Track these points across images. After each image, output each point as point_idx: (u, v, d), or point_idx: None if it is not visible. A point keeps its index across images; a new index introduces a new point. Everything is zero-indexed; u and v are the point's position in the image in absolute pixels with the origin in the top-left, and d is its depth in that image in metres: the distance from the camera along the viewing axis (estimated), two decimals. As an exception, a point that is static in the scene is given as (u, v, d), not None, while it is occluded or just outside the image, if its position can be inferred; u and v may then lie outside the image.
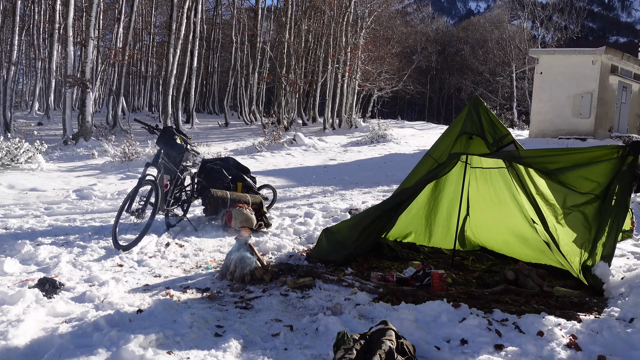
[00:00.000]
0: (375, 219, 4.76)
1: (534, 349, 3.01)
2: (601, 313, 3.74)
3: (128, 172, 11.63)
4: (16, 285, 3.87)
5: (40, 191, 9.05)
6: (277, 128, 19.21)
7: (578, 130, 18.81)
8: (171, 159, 5.93)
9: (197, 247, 5.49)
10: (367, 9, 28.10)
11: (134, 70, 32.79)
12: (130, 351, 2.79)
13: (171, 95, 20.40)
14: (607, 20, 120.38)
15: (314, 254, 5.05)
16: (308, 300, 3.91)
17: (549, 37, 40.52)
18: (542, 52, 21.10)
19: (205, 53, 33.32)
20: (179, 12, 20.38)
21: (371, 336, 2.86)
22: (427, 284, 4.31)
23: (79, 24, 26.54)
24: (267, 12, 30.12)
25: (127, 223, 5.37)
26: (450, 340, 3.19)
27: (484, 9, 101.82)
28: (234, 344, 3.03)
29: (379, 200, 8.38)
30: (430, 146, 4.66)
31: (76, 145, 15.96)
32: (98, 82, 24.60)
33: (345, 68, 25.74)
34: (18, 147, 11.48)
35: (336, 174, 12.27)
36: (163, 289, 4.05)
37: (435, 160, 4.52)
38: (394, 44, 35.14)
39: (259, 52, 27.19)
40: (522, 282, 4.29)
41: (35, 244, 5.11)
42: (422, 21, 51.44)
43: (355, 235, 4.85)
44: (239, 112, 29.88)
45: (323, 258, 4.94)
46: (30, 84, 34.65)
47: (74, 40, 18.55)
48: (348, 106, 26.95)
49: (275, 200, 7.88)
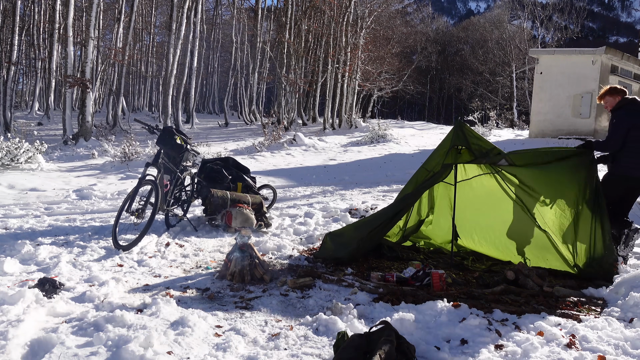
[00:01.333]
0: (380, 224, 4.96)
1: (534, 349, 3.01)
2: (601, 313, 3.74)
3: (128, 172, 11.63)
4: (16, 285, 3.87)
5: (40, 191, 9.05)
6: (277, 128, 19.21)
7: (578, 130, 18.81)
8: (171, 159, 5.93)
9: (197, 247, 5.49)
10: (367, 9, 28.10)
11: (134, 70, 32.79)
12: (130, 351, 2.79)
13: (171, 95, 20.41)
14: (607, 20, 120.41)
15: (319, 254, 5.12)
16: (308, 300, 3.91)
17: (549, 37, 40.54)
18: (542, 52, 21.11)
19: (205, 53, 33.33)
20: (179, 12, 20.38)
21: (371, 336, 2.86)
22: (427, 284, 4.31)
23: (79, 24, 26.54)
24: (267, 12, 30.12)
25: (127, 223, 5.36)
26: (450, 340, 3.19)
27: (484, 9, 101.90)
28: (234, 344, 3.03)
29: (379, 200, 8.39)
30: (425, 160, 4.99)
31: (76, 145, 15.96)
32: (98, 82, 24.61)
33: (345, 68, 25.74)
34: (18, 147, 11.48)
35: (336, 174, 12.27)
36: (163, 289, 4.05)
37: (429, 171, 4.82)
38: (394, 44, 35.15)
39: (259, 52, 27.20)
40: (522, 282, 4.29)
41: (35, 244, 5.11)
42: (422, 21, 51.42)
43: (360, 236, 5.00)
44: (239, 112, 29.91)
45: (329, 256, 5.01)
46: (30, 84, 34.64)
47: (74, 40, 18.55)
48: (348, 106, 26.96)
49: (275, 200, 7.88)
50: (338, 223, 6.61)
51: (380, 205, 7.61)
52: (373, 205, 7.34)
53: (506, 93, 39.68)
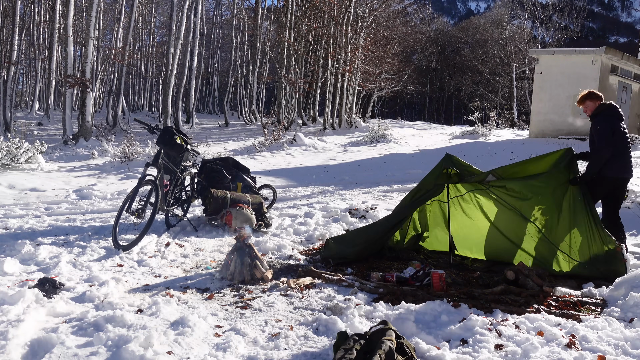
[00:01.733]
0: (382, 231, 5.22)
1: (534, 349, 3.01)
2: (601, 313, 3.74)
3: (128, 172, 11.63)
4: (16, 285, 3.87)
5: (40, 191, 9.05)
6: (277, 128, 19.20)
7: (578, 130, 18.80)
8: (171, 159, 5.93)
9: (197, 247, 5.49)
10: (367, 9, 28.08)
11: (134, 70, 32.80)
12: (130, 351, 2.79)
13: (171, 95, 20.40)
14: (607, 20, 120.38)
15: (324, 254, 5.20)
16: (308, 300, 3.91)
17: (549, 37, 40.52)
18: (542, 52, 21.10)
19: (205, 53, 33.36)
20: (179, 12, 20.38)
21: (371, 336, 2.86)
22: (427, 284, 4.31)
23: (79, 24, 26.54)
24: (267, 12, 30.10)
25: (127, 223, 5.37)
26: (450, 340, 3.19)
27: (484, 9, 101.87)
28: (234, 344, 3.03)
29: (379, 200, 8.40)
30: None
31: (76, 145, 15.95)
32: (98, 82, 24.60)
33: (345, 68, 25.73)
34: (18, 147, 11.47)
35: (336, 174, 12.27)
36: (163, 289, 4.05)
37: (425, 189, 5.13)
38: (394, 44, 35.13)
39: (259, 52, 27.19)
40: (522, 282, 4.29)
41: (35, 244, 5.11)
42: (422, 21, 51.39)
43: (364, 238, 5.22)
44: (239, 112, 29.89)
45: (335, 255, 5.11)
46: (30, 84, 34.63)
47: (74, 40, 18.54)
48: (348, 106, 26.96)
49: (275, 200, 7.88)
50: (338, 223, 6.61)
51: (380, 205, 7.62)
52: (373, 205, 7.34)
53: (506, 93, 39.66)
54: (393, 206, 7.83)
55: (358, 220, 6.70)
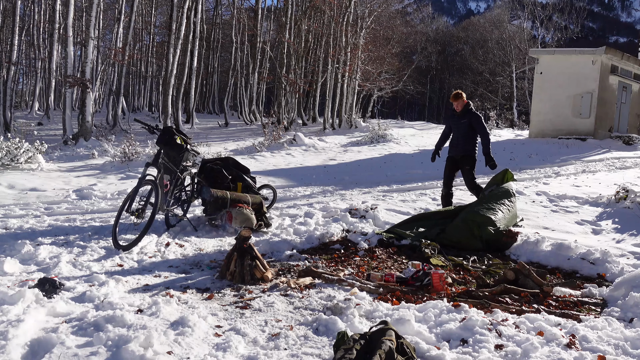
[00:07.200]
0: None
1: (534, 349, 3.01)
2: (601, 313, 3.74)
3: (128, 172, 11.62)
4: (16, 285, 3.87)
5: (40, 191, 9.04)
6: (277, 128, 19.19)
7: (578, 131, 18.81)
8: (171, 159, 5.93)
9: (197, 247, 5.49)
10: (367, 9, 28.07)
11: (134, 70, 32.78)
12: (130, 351, 2.79)
13: (171, 95, 20.38)
14: (607, 20, 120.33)
15: (387, 231, 6.10)
16: (308, 300, 3.91)
17: (549, 37, 40.52)
18: (542, 52, 21.11)
19: (205, 53, 33.28)
20: (179, 12, 20.37)
21: (371, 336, 2.86)
22: (427, 284, 4.31)
23: (79, 24, 26.55)
24: (267, 12, 30.10)
25: (127, 223, 5.37)
26: (450, 340, 3.19)
27: (484, 9, 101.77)
28: (234, 344, 3.03)
29: (379, 200, 8.39)
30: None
31: (76, 145, 15.94)
32: (98, 82, 24.62)
33: (345, 68, 25.72)
34: (18, 147, 11.47)
35: (336, 174, 12.26)
36: (163, 289, 4.05)
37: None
38: (394, 44, 35.11)
39: (259, 52, 27.18)
40: (522, 282, 4.29)
41: (35, 244, 5.11)
42: (422, 21, 51.38)
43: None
44: (239, 112, 29.86)
45: (398, 231, 6.03)
46: (30, 84, 34.62)
47: (74, 40, 18.56)
48: (348, 106, 26.94)
49: (275, 200, 7.88)
50: (338, 223, 6.59)
51: (380, 205, 7.61)
52: (373, 205, 7.33)
53: (506, 93, 39.68)
54: (393, 206, 7.87)
55: (358, 220, 6.70)
